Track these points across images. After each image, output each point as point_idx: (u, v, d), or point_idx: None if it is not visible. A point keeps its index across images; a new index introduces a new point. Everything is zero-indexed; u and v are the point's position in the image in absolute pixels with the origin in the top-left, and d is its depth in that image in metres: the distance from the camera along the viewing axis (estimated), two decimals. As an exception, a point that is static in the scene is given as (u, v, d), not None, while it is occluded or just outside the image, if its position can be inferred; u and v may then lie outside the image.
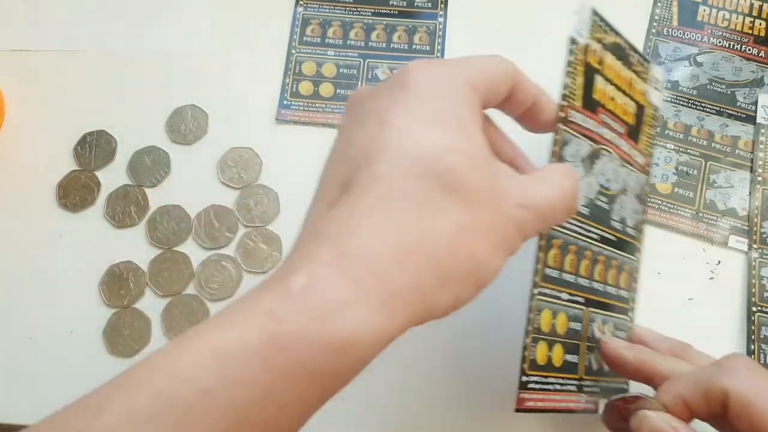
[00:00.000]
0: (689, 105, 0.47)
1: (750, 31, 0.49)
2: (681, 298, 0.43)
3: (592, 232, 0.35)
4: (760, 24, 0.50)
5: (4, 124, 0.47)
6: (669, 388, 0.31)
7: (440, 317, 0.25)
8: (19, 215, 0.45)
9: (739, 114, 0.47)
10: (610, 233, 0.36)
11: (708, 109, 0.47)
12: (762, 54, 0.49)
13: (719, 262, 0.44)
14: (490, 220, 0.25)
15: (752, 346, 0.41)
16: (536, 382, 0.31)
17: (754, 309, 0.42)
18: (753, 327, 0.42)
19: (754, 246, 0.44)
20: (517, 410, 0.31)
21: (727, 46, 0.49)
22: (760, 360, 0.41)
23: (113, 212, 0.44)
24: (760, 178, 0.45)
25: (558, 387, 0.33)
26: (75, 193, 0.45)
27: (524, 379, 0.31)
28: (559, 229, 0.33)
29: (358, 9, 0.50)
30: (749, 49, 0.49)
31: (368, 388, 0.39)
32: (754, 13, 0.50)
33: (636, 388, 0.38)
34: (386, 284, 0.23)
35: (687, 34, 0.49)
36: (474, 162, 0.25)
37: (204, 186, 0.45)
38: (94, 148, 0.46)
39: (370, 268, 0.23)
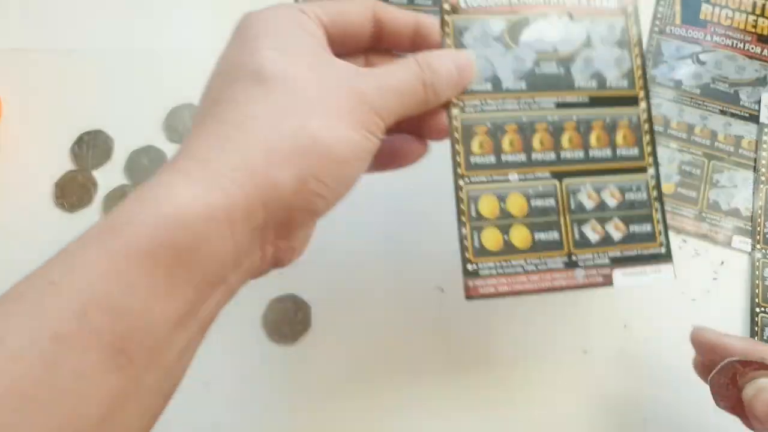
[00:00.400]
0: (692, 104, 0.47)
1: (753, 30, 0.49)
2: (684, 299, 0.42)
3: (542, 103, 0.34)
4: (764, 22, 0.49)
5: (1, 123, 0.47)
6: None
7: (301, 196, 0.26)
8: (16, 215, 0.44)
9: (742, 113, 0.47)
10: (575, 95, 0.34)
11: (711, 108, 0.47)
12: (765, 52, 0.48)
13: (722, 262, 0.43)
14: (317, 97, 0.26)
15: (756, 348, 0.41)
16: (491, 268, 0.32)
17: (757, 310, 0.42)
18: (756, 328, 0.41)
19: (758, 246, 0.43)
20: (469, 298, 0.31)
21: (730, 44, 0.49)
22: (764, 361, 0.40)
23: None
24: (763, 178, 0.45)
25: (532, 268, 0.32)
26: (72, 193, 0.45)
27: (470, 267, 0.32)
28: (477, 113, 0.33)
29: (358, 7, 0.50)
30: (752, 48, 0.48)
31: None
32: (757, 12, 0.50)
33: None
34: (210, 166, 0.24)
35: (690, 33, 0.49)
36: (288, 54, 0.27)
37: (202, 186, 0.45)
38: (91, 147, 0.46)
39: (194, 159, 0.25)
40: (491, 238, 0.32)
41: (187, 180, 0.24)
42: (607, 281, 0.33)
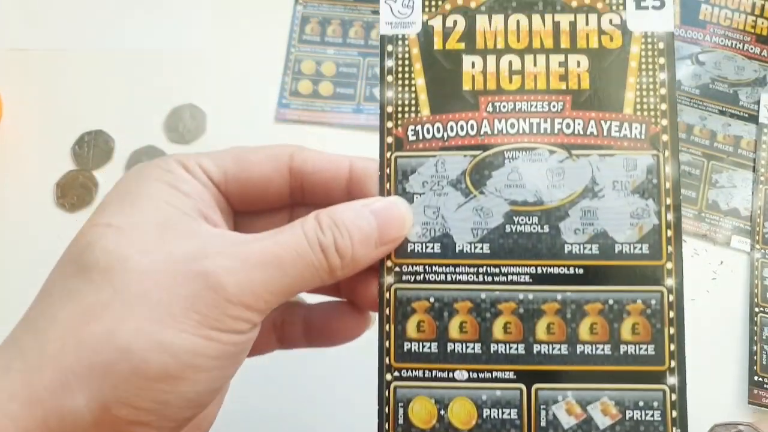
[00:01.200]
0: (691, 104, 0.47)
1: (752, 30, 0.49)
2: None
3: (511, 274, 0.25)
4: (763, 23, 0.49)
5: (2, 123, 0.47)
6: None
7: (106, 427, 0.20)
8: (17, 215, 0.45)
9: (741, 113, 0.47)
10: (564, 265, 0.25)
11: (710, 109, 0.47)
12: (764, 53, 0.48)
13: (721, 262, 0.43)
14: (144, 289, 0.20)
15: (754, 347, 0.41)
16: None
17: (756, 310, 0.42)
18: (755, 328, 0.41)
19: (757, 246, 0.43)
20: None
21: (729, 44, 0.49)
22: (762, 361, 0.40)
23: (111, 212, 0.44)
24: (762, 178, 0.45)
25: None
26: (73, 192, 0.45)
27: None
28: (417, 284, 0.25)
29: (358, 7, 0.50)
30: (751, 48, 0.49)
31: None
32: (756, 12, 0.50)
33: None
34: None
35: (689, 33, 0.49)
36: (127, 229, 0.21)
37: (203, 186, 0.45)
38: (92, 147, 0.46)
39: None
40: None
41: None
42: None
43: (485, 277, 0.25)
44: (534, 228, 0.25)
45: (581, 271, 0.25)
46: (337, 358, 0.29)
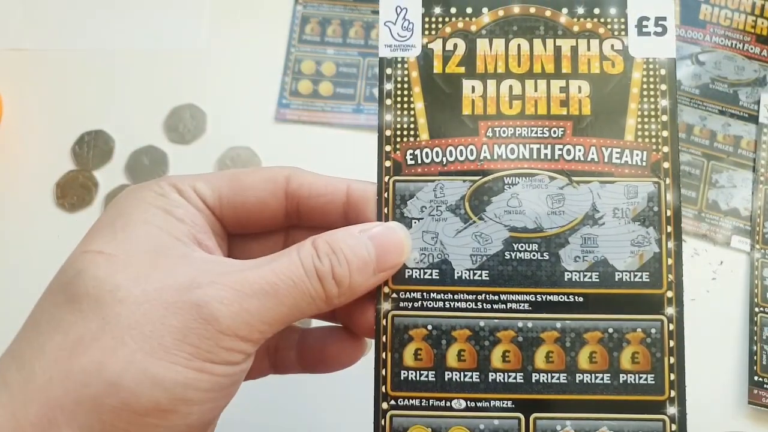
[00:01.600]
0: (691, 104, 0.47)
1: (752, 30, 0.49)
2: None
3: (510, 302, 0.25)
4: (763, 23, 0.49)
5: (2, 123, 0.47)
6: None
7: None
8: (17, 215, 0.45)
9: (741, 113, 0.47)
10: (563, 293, 0.25)
11: (710, 109, 0.47)
12: (764, 53, 0.48)
13: (721, 262, 0.43)
14: (135, 319, 0.19)
15: (755, 347, 0.41)
16: None
17: (756, 310, 0.42)
18: (755, 328, 0.41)
19: (757, 246, 0.43)
20: None
21: (729, 45, 0.49)
22: (762, 361, 0.40)
23: (111, 212, 0.44)
24: (762, 178, 0.45)
25: None
26: (73, 193, 0.45)
27: None
28: (415, 311, 0.25)
29: (358, 7, 0.50)
30: (751, 48, 0.49)
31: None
32: (757, 12, 0.50)
33: None
34: None
35: (689, 33, 0.49)
36: (119, 256, 0.21)
37: (202, 186, 0.45)
38: (92, 147, 0.46)
39: None
40: None
41: None
42: None
43: (484, 304, 0.25)
44: (534, 255, 0.25)
45: (581, 299, 0.25)
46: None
